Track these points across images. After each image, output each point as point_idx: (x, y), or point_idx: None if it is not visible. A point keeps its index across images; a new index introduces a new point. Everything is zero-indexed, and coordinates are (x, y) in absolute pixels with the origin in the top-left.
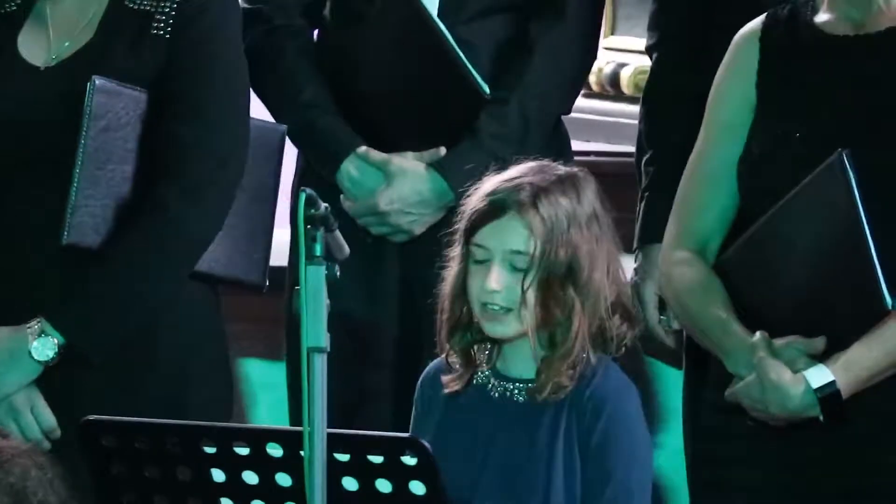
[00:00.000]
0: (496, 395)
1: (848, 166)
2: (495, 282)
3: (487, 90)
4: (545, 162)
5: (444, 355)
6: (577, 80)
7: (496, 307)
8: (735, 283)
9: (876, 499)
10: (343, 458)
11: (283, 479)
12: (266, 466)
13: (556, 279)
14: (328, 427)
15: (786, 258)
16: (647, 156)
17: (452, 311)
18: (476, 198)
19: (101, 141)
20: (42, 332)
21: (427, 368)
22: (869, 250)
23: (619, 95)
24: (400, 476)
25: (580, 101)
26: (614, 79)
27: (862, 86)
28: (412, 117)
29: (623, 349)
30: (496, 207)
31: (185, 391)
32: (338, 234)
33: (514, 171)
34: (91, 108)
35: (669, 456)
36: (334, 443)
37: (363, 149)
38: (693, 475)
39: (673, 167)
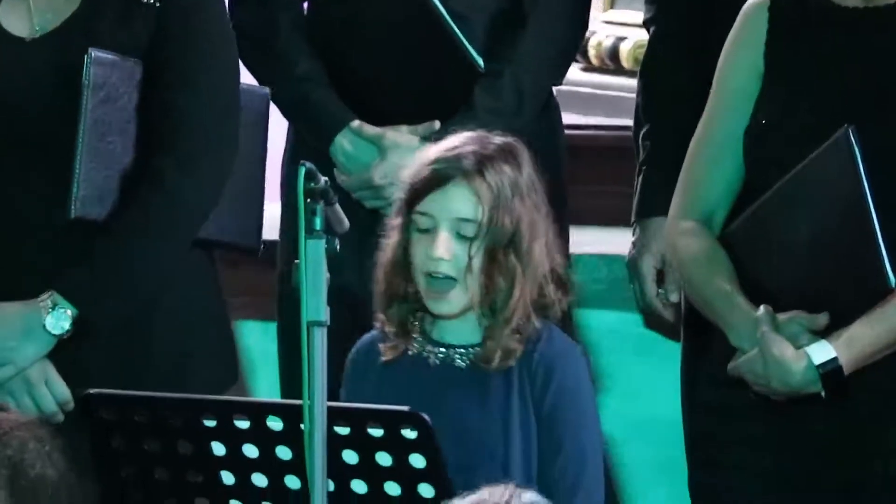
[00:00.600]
0: (435, 362)
1: (854, 142)
2: (443, 250)
3: (482, 64)
4: (482, 132)
5: (378, 325)
6: (569, 52)
7: (441, 276)
8: (740, 255)
9: (877, 477)
10: (343, 431)
11: (284, 453)
12: (266, 440)
13: (500, 247)
14: (328, 400)
15: (790, 233)
16: (645, 129)
17: (390, 282)
18: (416, 167)
19: (100, 113)
20: (55, 305)
21: (361, 339)
22: (873, 227)
23: (618, 69)
24: (400, 449)
25: (579, 75)
26: (614, 52)
27: (870, 59)
28: (406, 91)
29: (559, 316)
30: (441, 175)
31: (188, 360)
32: (337, 207)
33: (453, 141)
34: (90, 79)
35: (631, 428)
36: (334, 416)
37: (357, 123)
38: (691, 449)
39: (670, 141)
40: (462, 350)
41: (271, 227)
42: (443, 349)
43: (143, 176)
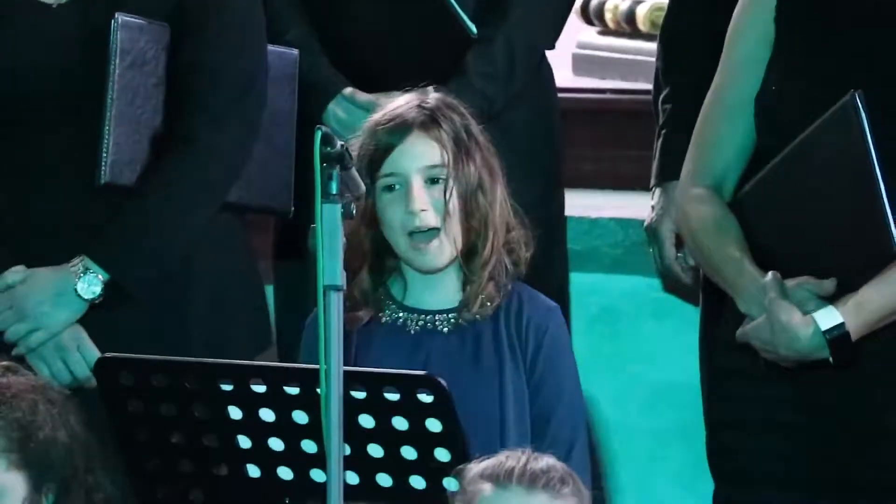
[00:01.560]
0: (416, 328)
1: (860, 107)
2: (420, 201)
3: (474, 29)
4: (414, 93)
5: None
6: (561, 16)
7: (424, 229)
8: (749, 221)
9: (888, 440)
10: (359, 395)
11: (300, 417)
12: (283, 404)
13: (471, 191)
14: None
15: (799, 199)
16: (664, 93)
17: (357, 251)
18: (363, 136)
19: (128, 78)
20: (86, 270)
21: (310, 316)
22: (879, 193)
23: (635, 32)
24: (416, 413)
25: (596, 39)
26: (630, 16)
27: (881, 23)
28: (399, 58)
29: (524, 263)
30: (397, 133)
31: (224, 325)
32: (353, 171)
33: (394, 104)
34: (117, 45)
35: (650, 393)
36: (350, 380)
37: (349, 90)
38: (709, 412)
39: (690, 105)
40: (442, 315)
41: None
42: (422, 315)
43: (174, 137)
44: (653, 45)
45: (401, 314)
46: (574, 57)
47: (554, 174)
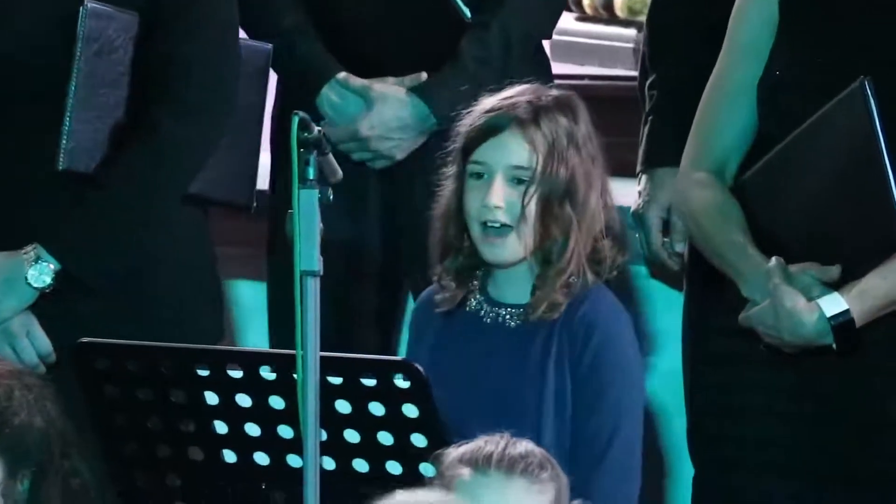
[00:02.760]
0: (488, 320)
1: (869, 93)
2: (497, 197)
3: (469, 14)
4: (538, 84)
5: (436, 277)
6: (558, 4)
7: (497, 224)
8: (752, 206)
9: (888, 428)
10: (336, 381)
11: (277, 402)
12: (259, 389)
13: (555, 197)
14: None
15: (804, 184)
16: (651, 79)
17: (446, 232)
18: (472, 117)
19: (94, 65)
20: (38, 258)
21: (422, 295)
22: (888, 180)
23: (612, 19)
24: (393, 399)
25: (573, 25)
26: (608, 2)
27: (888, 10)
28: (394, 43)
29: (615, 273)
30: (495, 124)
31: (179, 315)
32: (331, 157)
33: (509, 92)
34: (84, 32)
35: (662, 378)
36: (327, 366)
37: (343, 75)
38: (694, 398)
39: (677, 90)
40: (513, 309)
41: (261, 177)
42: (497, 307)
43: (138, 127)
44: (631, 32)
45: (484, 305)
46: (552, 43)
47: None
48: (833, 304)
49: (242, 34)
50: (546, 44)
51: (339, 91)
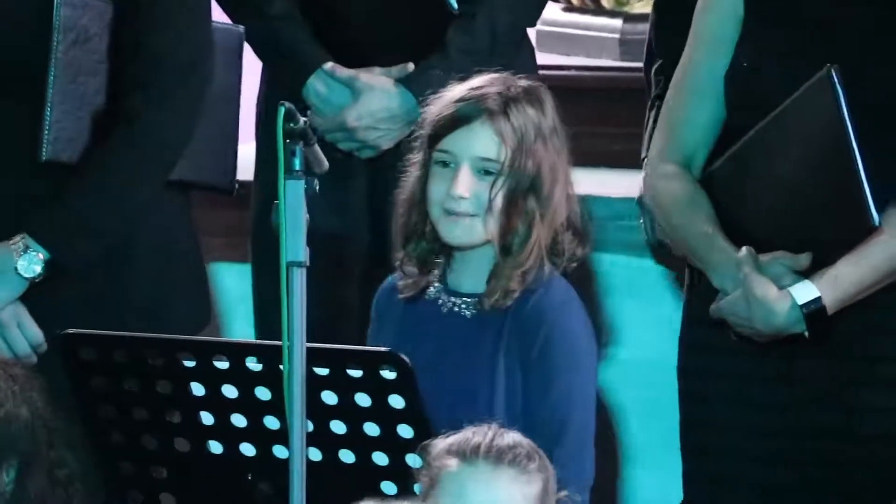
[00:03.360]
0: (445, 309)
1: (836, 82)
2: (463, 187)
3: (456, 5)
4: (507, 74)
5: (397, 263)
6: None
7: (462, 213)
8: (721, 197)
9: (857, 412)
10: (322, 372)
11: (263, 393)
12: (245, 380)
13: (521, 190)
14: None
15: (772, 174)
16: (657, 65)
17: (409, 217)
18: (440, 105)
19: (71, 55)
20: (27, 249)
21: (384, 282)
22: (856, 167)
23: (599, 9)
24: (379, 390)
25: (560, 15)
26: None
27: None
28: (381, 33)
29: (574, 264)
30: (465, 114)
31: (164, 301)
32: (316, 148)
33: (477, 81)
34: (59, 21)
35: (619, 370)
36: (313, 357)
37: (330, 65)
38: (680, 386)
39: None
40: (469, 299)
41: (246, 168)
42: (454, 297)
43: (117, 115)
44: (617, 22)
45: (441, 293)
46: (538, 33)
47: None
48: (805, 291)
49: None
50: (532, 34)
51: (326, 81)
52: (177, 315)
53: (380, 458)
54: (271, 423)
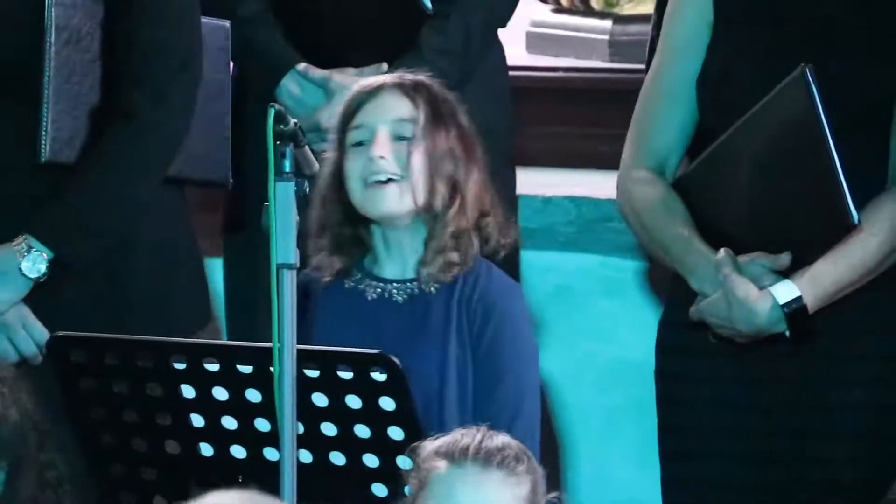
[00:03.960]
0: (373, 296)
1: (811, 81)
2: (381, 149)
3: (430, 5)
4: (400, 72)
5: (311, 253)
6: None
7: (382, 178)
8: (695, 200)
9: (838, 411)
10: (313, 374)
11: (253, 395)
12: (236, 382)
13: (440, 155)
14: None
15: (748, 175)
16: None
17: (323, 207)
18: (345, 102)
19: (65, 55)
20: (30, 249)
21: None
22: (835, 166)
23: (588, 11)
24: (369, 392)
25: (550, 17)
26: None
27: None
28: (354, 33)
29: (501, 253)
30: (372, 91)
31: (166, 299)
32: (307, 149)
33: (372, 78)
34: (52, 21)
35: (609, 371)
36: (304, 359)
37: (303, 66)
38: (658, 390)
39: None
40: (399, 284)
41: None
42: (381, 283)
43: (114, 113)
44: (606, 24)
45: (364, 280)
46: (528, 35)
47: (505, 153)
48: (785, 291)
49: None
50: (522, 35)
51: (299, 82)
52: (178, 313)
53: (370, 460)
54: (262, 425)
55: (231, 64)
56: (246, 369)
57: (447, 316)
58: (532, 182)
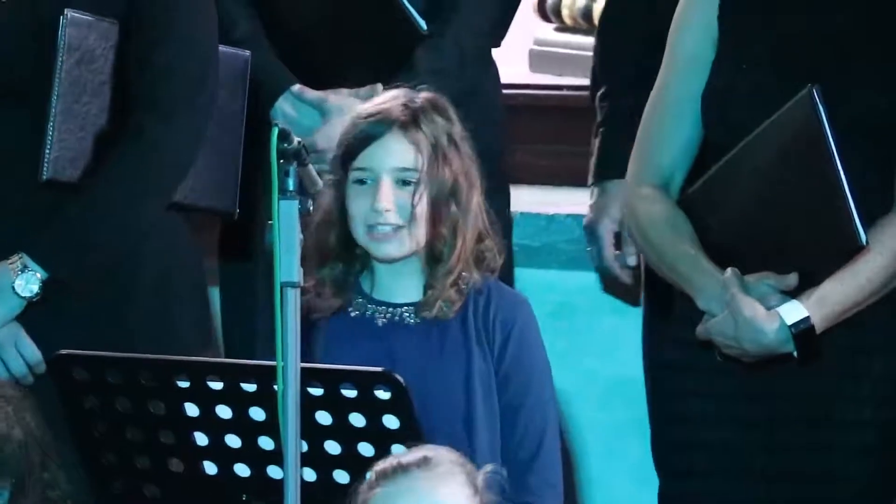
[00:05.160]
0: (384, 321)
1: (818, 101)
2: (386, 200)
3: (424, 26)
4: (407, 88)
5: (311, 284)
6: (509, 13)
7: (387, 228)
8: (700, 218)
9: (840, 427)
10: (316, 392)
11: (257, 414)
12: (239, 400)
13: (442, 197)
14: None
15: (754, 194)
16: (602, 91)
17: (326, 239)
18: (349, 125)
19: (75, 75)
20: (24, 268)
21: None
22: (842, 187)
23: (591, 29)
24: (373, 410)
25: (553, 35)
26: (587, 12)
27: (827, 14)
28: (348, 54)
29: (496, 269)
30: (376, 129)
31: (168, 324)
32: (310, 168)
33: (381, 98)
34: (64, 41)
35: (609, 388)
36: (308, 377)
37: (297, 87)
38: (655, 407)
39: (628, 102)
40: (409, 307)
41: None
42: (390, 308)
43: (121, 133)
44: None
45: (369, 307)
46: (531, 53)
47: (498, 172)
48: (793, 311)
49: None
50: (525, 53)
51: (294, 103)
52: (180, 335)
53: None
54: (266, 443)
55: (245, 94)
56: (249, 387)
57: (465, 331)
58: (535, 200)
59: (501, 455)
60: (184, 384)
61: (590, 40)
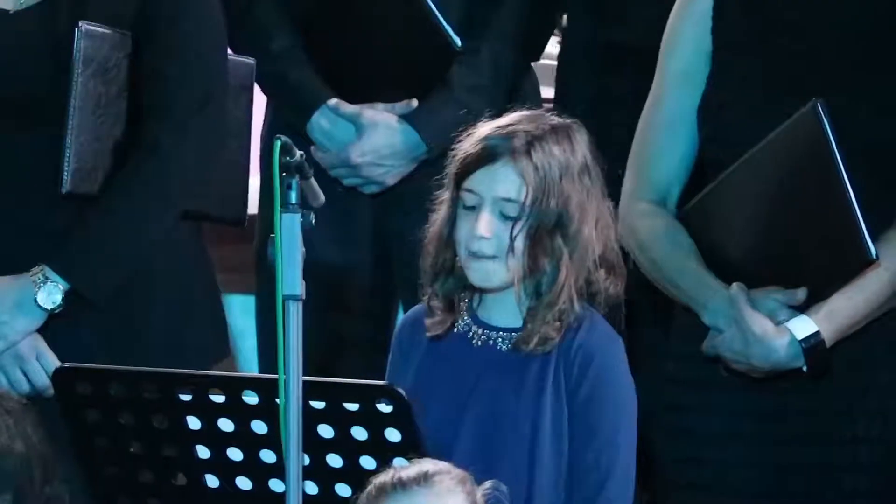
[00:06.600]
0: (478, 343)
1: (823, 115)
2: (484, 229)
3: (459, 43)
4: (539, 111)
5: (425, 299)
6: (547, 27)
7: (484, 255)
8: (700, 233)
9: (851, 443)
10: (319, 405)
11: (259, 427)
12: (242, 414)
13: (545, 229)
14: (304, 375)
15: (757, 209)
16: (562, 104)
17: (437, 255)
18: (469, 143)
19: (91, 87)
20: (46, 280)
21: (406, 314)
22: (850, 202)
23: None
24: (375, 423)
25: (557, 50)
26: None
27: (821, 25)
28: (384, 69)
29: (608, 303)
30: (489, 153)
31: (183, 333)
32: (313, 181)
33: (507, 119)
34: (79, 53)
35: None
36: (310, 390)
37: (334, 101)
38: (658, 423)
39: (586, 114)
40: (504, 333)
41: (251, 200)
42: (487, 330)
43: (136, 145)
44: None
45: (471, 326)
46: (538, 67)
47: None
48: (803, 326)
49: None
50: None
51: (330, 117)
52: (194, 347)
53: None
54: (268, 456)
55: (252, 102)
56: (252, 400)
57: (544, 368)
58: None
59: (566, 487)
60: (186, 397)
61: None
